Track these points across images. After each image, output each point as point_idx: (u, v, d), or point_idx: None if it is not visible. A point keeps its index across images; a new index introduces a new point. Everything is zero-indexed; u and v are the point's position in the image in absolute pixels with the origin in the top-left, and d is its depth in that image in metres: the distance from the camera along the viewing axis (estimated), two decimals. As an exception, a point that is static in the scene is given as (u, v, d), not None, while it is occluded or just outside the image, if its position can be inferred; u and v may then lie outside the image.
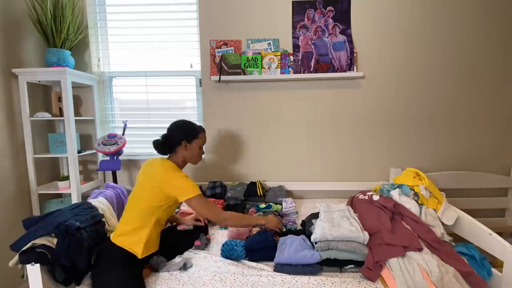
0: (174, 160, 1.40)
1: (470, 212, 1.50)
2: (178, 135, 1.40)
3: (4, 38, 1.77)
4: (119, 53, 2.19)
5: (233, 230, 1.47)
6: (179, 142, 1.38)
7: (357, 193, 1.79)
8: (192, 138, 1.42)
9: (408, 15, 1.98)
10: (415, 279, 1.09)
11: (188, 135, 1.41)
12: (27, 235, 1.16)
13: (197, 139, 1.43)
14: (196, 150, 1.44)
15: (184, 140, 1.39)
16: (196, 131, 1.44)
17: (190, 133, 1.42)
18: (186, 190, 1.26)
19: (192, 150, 1.43)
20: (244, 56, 1.99)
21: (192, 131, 1.43)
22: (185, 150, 1.41)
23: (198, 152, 1.46)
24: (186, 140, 1.39)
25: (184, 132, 1.41)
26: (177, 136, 1.40)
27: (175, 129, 1.42)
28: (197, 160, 1.48)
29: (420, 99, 2.05)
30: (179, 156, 1.41)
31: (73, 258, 1.15)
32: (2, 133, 1.75)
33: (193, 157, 1.45)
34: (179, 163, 1.41)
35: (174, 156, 1.42)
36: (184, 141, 1.39)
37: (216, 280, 1.15)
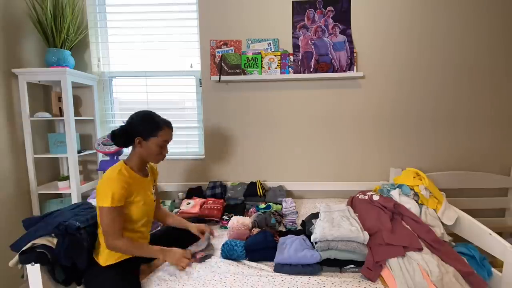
0: (129, 159, 1.27)
1: (470, 212, 1.50)
2: (134, 129, 1.22)
3: (4, 38, 1.77)
4: (119, 53, 2.19)
5: (233, 230, 1.47)
6: (133, 137, 1.22)
7: (357, 193, 1.79)
8: (149, 135, 1.23)
9: (409, 15, 1.98)
10: (415, 279, 1.09)
11: (145, 131, 1.23)
12: (27, 235, 1.16)
13: (156, 138, 1.24)
14: (154, 149, 1.25)
15: (139, 136, 1.22)
16: (156, 128, 1.24)
17: (147, 129, 1.23)
18: (100, 196, 1.13)
19: (147, 149, 1.24)
20: (244, 56, 1.99)
21: (150, 127, 1.23)
22: (140, 148, 1.24)
23: (156, 152, 1.26)
24: (141, 137, 1.22)
25: (141, 126, 1.23)
26: (133, 130, 1.22)
27: (133, 121, 1.24)
28: (156, 159, 1.30)
29: (420, 99, 2.05)
30: (135, 153, 1.26)
31: (73, 258, 1.15)
32: (2, 133, 1.75)
33: (149, 156, 1.27)
34: (135, 162, 1.27)
35: (131, 153, 1.28)
36: (139, 138, 1.22)
37: (216, 280, 1.15)
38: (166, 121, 1.29)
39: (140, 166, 1.30)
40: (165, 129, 1.26)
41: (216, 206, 1.79)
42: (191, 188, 2.10)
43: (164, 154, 1.31)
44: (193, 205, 1.81)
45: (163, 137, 1.25)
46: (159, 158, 1.30)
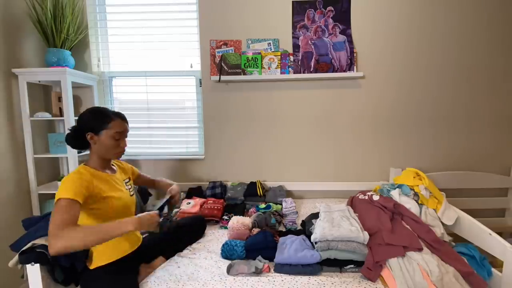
0: (89, 158, 1.21)
1: (470, 212, 1.50)
2: (83, 125, 1.17)
3: (4, 38, 1.77)
4: (119, 53, 2.19)
5: (233, 230, 1.47)
6: (85, 134, 1.16)
7: (357, 193, 1.79)
8: (99, 128, 1.16)
9: (408, 15, 1.98)
10: (415, 279, 1.09)
11: (95, 124, 1.16)
12: (27, 235, 1.16)
13: (107, 129, 1.17)
14: (108, 142, 1.18)
15: (89, 132, 1.16)
16: (106, 119, 1.17)
17: (97, 121, 1.16)
18: (58, 191, 1.02)
19: (102, 143, 1.17)
20: (244, 56, 1.99)
21: (100, 119, 1.17)
22: (94, 144, 1.18)
23: (111, 145, 1.19)
24: (92, 131, 1.16)
25: (90, 121, 1.17)
26: (82, 126, 1.17)
27: (81, 118, 1.18)
28: (114, 153, 1.22)
29: (420, 99, 2.05)
30: (92, 152, 1.20)
31: (72, 259, 1.15)
32: (2, 133, 1.75)
33: (106, 151, 1.20)
34: (95, 161, 1.21)
35: (90, 153, 1.21)
36: (90, 133, 1.16)
37: (216, 280, 1.15)
38: (116, 112, 1.24)
39: (102, 164, 1.23)
40: (116, 120, 1.20)
41: (216, 206, 1.79)
42: (191, 188, 2.10)
43: (122, 147, 1.24)
44: (193, 205, 1.81)
45: (114, 129, 1.18)
46: (117, 151, 1.22)
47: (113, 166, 1.34)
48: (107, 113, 1.20)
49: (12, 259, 1.13)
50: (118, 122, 1.21)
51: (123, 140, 1.25)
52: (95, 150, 1.20)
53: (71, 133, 1.19)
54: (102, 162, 1.23)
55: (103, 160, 1.23)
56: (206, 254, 1.36)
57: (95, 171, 1.19)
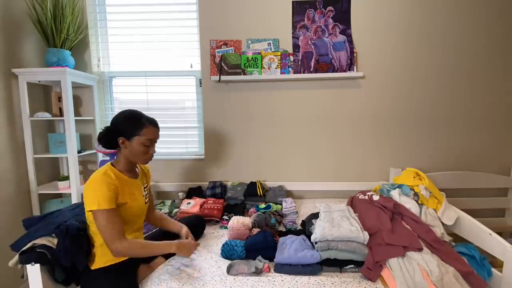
0: (117, 160, 1.24)
1: (470, 212, 1.50)
2: (117, 129, 1.19)
3: (4, 38, 1.77)
4: (119, 53, 2.19)
5: (233, 230, 1.47)
6: (116, 138, 1.19)
7: (357, 193, 1.79)
8: (131, 134, 1.18)
9: (408, 15, 1.98)
10: (415, 279, 1.09)
11: (128, 129, 1.18)
12: (27, 235, 1.16)
13: (139, 136, 1.19)
14: (138, 149, 1.19)
15: (121, 136, 1.18)
16: (139, 126, 1.19)
17: (130, 127, 1.18)
18: (91, 199, 1.08)
19: (132, 149, 1.19)
20: (244, 56, 1.99)
21: (133, 125, 1.19)
22: (125, 148, 1.20)
23: (141, 151, 1.20)
24: (124, 136, 1.18)
25: (124, 126, 1.19)
26: (115, 130, 1.19)
27: (116, 120, 1.20)
28: (143, 159, 1.24)
29: (420, 99, 2.05)
30: (121, 154, 1.23)
31: (73, 259, 1.15)
32: (2, 133, 1.75)
33: (135, 157, 1.22)
34: (122, 163, 1.23)
35: (118, 154, 1.24)
36: (122, 137, 1.18)
37: (216, 281, 1.15)
38: (150, 118, 1.24)
39: (128, 167, 1.25)
40: (149, 127, 1.21)
41: (216, 206, 1.79)
42: (191, 188, 2.10)
43: (151, 154, 1.26)
44: (193, 205, 1.81)
45: (146, 136, 1.20)
46: (145, 158, 1.24)
47: (137, 169, 1.35)
48: (140, 120, 1.21)
49: (12, 259, 1.13)
50: (150, 129, 1.22)
51: (153, 147, 1.27)
52: (124, 153, 1.22)
53: (103, 134, 1.21)
54: (128, 165, 1.25)
55: (130, 163, 1.26)
56: (206, 254, 1.36)
57: (119, 174, 1.21)
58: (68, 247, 1.13)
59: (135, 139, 1.19)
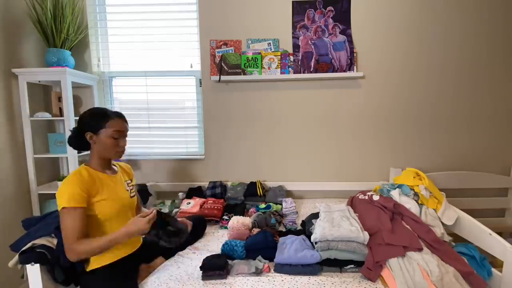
0: (90, 159, 1.22)
1: (470, 212, 1.50)
2: (82, 126, 1.18)
3: (4, 38, 1.77)
4: (119, 53, 2.19)
5: (234, 230, 1.47)
6: (84, 135, 1.18)
7: (357, 193, 1.79)
8: (98, 127, 1.17)
9: (409, 14, 1.98)
10: (415, 279, 1.09)
11: (93, 124, 1.17)
12: (27, 235, 1.16)
13: (106, 128, 1.18)
14: (107, 142, 1.18)
15: (88, 131, 1.17)
16: (104, 119, 1.18)
17: (95, 121, 1.18)
18: (58, 198, 1.06)
19: (101, 143, 1.18)
20: (244, 56, 1.99)
21: (98, 118, 1.18)
22: (94, 144, 1.19)
23: (110, 144, 1.19)
24: (91, 131, 1.17)
25: (89, 120, 1.18)
26: (82, 127, 1.18)
27: (80, 119, 1.20)
28: (114, 153, 1.22)
29: (420, 99, 2.05)
30: (93, 152, 1.21)
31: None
32: (2, 133, 1.75)
33: (106, 151, 1.20)
34: (95, 161, 1.22)
35: (90, 153, 1.23)
36: (89, 132, 1.17)
37: (216, 280, 1.15)
38: (115, 111, 1.25)
39: (103, 164, 1.24)
40: (114, 119, 1.20)
41: (216, 206, 1.79)
42: (191, 188, 2.10)
43: (122, 147, 1.24)
44: (193, 205, 1.81)
45: (112, 127, 1.19)
46: (116, 151, 1.23)
47: (115, 167, 1.34)
48: (105, 113, 1.20)
49: (12, 259, 1.13)
50: (116, 121, 1.21)
51: (123, 140, 1.25)
52: (95, 150, 1.21)
53: (72, 134, 1.21)
54: (102, 162, 1.23)
55: (104, 160, 1.24)
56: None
57: (95, 172, 1.19)
58: None
59: (102, 132, 1.18)
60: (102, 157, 1.22)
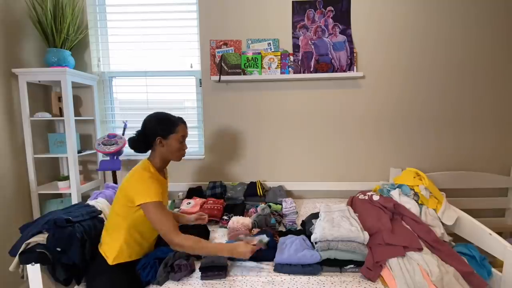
0: (152, 159, 1.30)
1: (470, 212, 1.50)
2: (152, 130, 1.27)
3: (4, 38, 1.77)
4: (119, 53, 2.19)
5: (233, 230, 1.46)
6: (153, 139, 1.26)
7: (357, 193, 1.79)
8: (168, 132, 1.27)
9: (409, 14, 1.98)
10: (415, 279, 1.09)
11: (163, 130, 1.27)
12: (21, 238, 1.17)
13: (175, 134, 1.28)
14: (175, 145, 1.29)
15: (158, 136, 1.26)
16: (173, 125, 1.29)
17: (165, 127, 1.28)
18: (143, 192, 1.14)
19: (169, 147, 1.28)
20: (244, 56, 1.99)
21: (167, 125, 1.28)
22: (162, 147, 1.28)
23: (177, 148, 1.30)
24: (161, 136, 1.26)
25: (159, 126, 1.27)
26: (151, 131, 1.27)
27: (149, 124, 1.29)
28: (178, 156, 1.34)
29: (420, 99, 2.05)
30: (156, 154, 1.30)
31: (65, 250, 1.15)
32: (2, 133, 1.75)
33: (172, 154, 1.31)
34: (158, 162, 1.30)
35: (152, 155, 1.32)
36: (159, 137, 1.26)
37: (216, 280, 1.14)
38: (179, 117, 1.35)
39: (162, 166, 1.34)
40: (181, 125, 1.31)
41: (216, 206, 1.79)
42: (191, 188, 2.10)
43: (184, 150, 1.36)
44: (193, 205, 1.81)
45: (181, 132, 1.30)
46: (181, 154, 1.34)
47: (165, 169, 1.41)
48: (173, 119, 1.31)
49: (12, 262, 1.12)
50: (183, 126, 1.33)
51: (185, 143, 1.36)
52: (160, 152, 1.29)
53: (137, 139, 1.28)
54: (163, 164, 1.34)
55: (165, 161, 1.34)
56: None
57: (156, 172, 1.29)
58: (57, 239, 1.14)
59: (172, 137, 1.28)
60: (165, 159, 1.33)
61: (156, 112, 1.33)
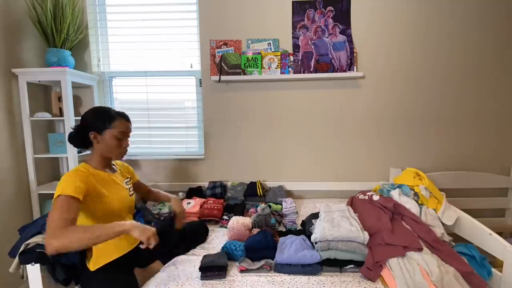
0: (91, 157, 1.22)
1: (470, 212, 1.50)
2: (87, 124, 1.18)
3: (4, 38, 1.77)
4: (119, 53, 2.19)
5: (233, 231, 1.46)
6: (88, 134, 1.17)
7: (357, 193, 1.79)
8: (102, 127, 1.18)
9: (409, 14, 1.98)
10: (415, 279, 1.09)
11: (98, 123, 1.18)
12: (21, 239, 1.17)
13: (111, 129, 1.19)
14: (111, 142, 1.19)
15: (92, 131, 1.17)
16: (109, 119, 1.19)
17: (100, 121, 1.18)
18: (58, 187, 1.02)
19: (105, 143, 1.19)
20: (244, 56, 1.99)
21: (103, 119, 1.19)
22: (97, 143, 1.19)
23: (114, 145, 1.20)
24: (95, 131, 1.17)
25: (93, 120, 1.18)
26: (86, 126, 1.18)
27: (85, 118, 1.19)
28: (117, 153, 1.23)
29: (420, 99, 2.05)
30: (95, 151, 1.21)
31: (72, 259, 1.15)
32: (2, 133, 1.75)
33: (110, 151, 1.21)
34: (96, 161, 1.21)
35: (91, 153, 1.23)
36: (93, 132, 1.17)
37: (215, 280, 1.14)
38: (120, 112, 1.25)
39: (103, 163, 1.23)
40: (119, 120, 1.22)
41: (216, 206, 1.79)
42: (191, 188, 2.10)
43: (124, 147, 1.25)
44: (193, 205, 1.81)
45: (118, 128, 1.20)
46: (119, 151, 1.24)
47: (114, 166, 1.34)
48: (110, 113, 1.21)
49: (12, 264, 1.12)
50: (121, 122, 1.22)
51: (126, 140, 1.26)
52: (97, 149, 1.21)
53: (74, 132, 1.20)
54: (103, 161, 1.23)
55: (105, 159, 1.24)
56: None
57: (95, 170, 1.19)
58: None
59: (107, 132, 1.19)
60: (104, 156, 1.23)
61: (97, 106, 1.26)
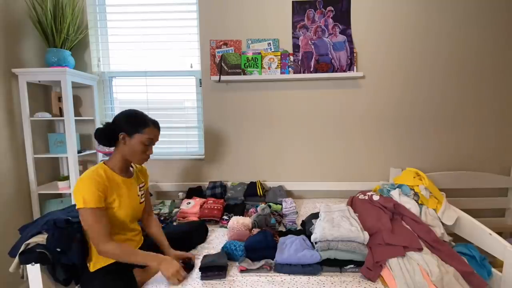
0: (109, 160, 1.23)
1: (470, 212, 1.50)
2: (119, 124, 1.19)
3: (4, 38, 1.77)
4: (119, 53, 2.19)
5: (233, 230, 1.46)
6: (118, 133, 1.18)
7: (357, 193, 1.79)
8: (134, 131, 1.19)
9: (409, 14, 1.98)
10: (415, 279, 1.09)
11: (130, 126, 1.19)
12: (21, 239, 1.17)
13: (140, 134, 1.19)
14: (138, 147, 1.20)
15: (123, 132, 1.18)
16: (141, 124, 1.20)
17: (133, 124, 1.19)
18: (75, 198, 1.07)
19: (131, 146, 1.19)
20: (244, 56, 1.99)
21: (136, 122, 1.20)
22: (124, 145, 1.20)
23: (139, 150, 1.20)
24: (125, 132, 1.18)
25: (127, 122, 1.19)
26: (117, 125, 1.19)
27: (119, 117, 1.21)
28: (140, 159, 1.24)
29: (420, 99, 2.05)
30: (118, 152, 1.22)
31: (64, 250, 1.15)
32: (2, 133, 1.75)
33: (133, 155, 1.21)
34: (117, 162, 1.22)
35: (113, 152, 1.23)
36: (123, 133, 1.18)
37: (215, 280, 1.15)
38: (153, 120, 1.27)
39: (122, 166, 1.24)
40: (151, 127, 1.23)
41: (216, 206, 1.79)
42: (191, 188, 2.10)
43: (148, 155, 1.26)
44: (193, 205, 1.81)
45: (148, 135, 1.21)
46: (142, 157, 1.24)
47: (131, 169, 1.33)
48: (144, 119, 1.23)
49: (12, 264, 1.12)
50: (152, 129, 1.24)
51: (151, 148, 1.27)
52: (121, 150, 1.21)
53: (103, 129, 1.20)
54: (123, 164, 1.24)
55: (125, 162, 1.24)
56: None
57: (111, 172, 1.20)
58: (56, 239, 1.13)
59: (136, 136, 1.19)
60: (125, 159, 1.23)
61: (133, 109, 1.25)
